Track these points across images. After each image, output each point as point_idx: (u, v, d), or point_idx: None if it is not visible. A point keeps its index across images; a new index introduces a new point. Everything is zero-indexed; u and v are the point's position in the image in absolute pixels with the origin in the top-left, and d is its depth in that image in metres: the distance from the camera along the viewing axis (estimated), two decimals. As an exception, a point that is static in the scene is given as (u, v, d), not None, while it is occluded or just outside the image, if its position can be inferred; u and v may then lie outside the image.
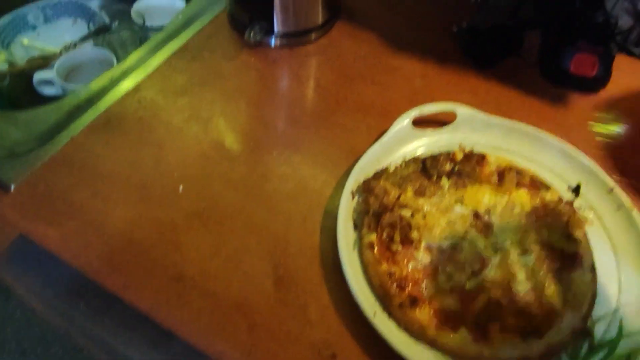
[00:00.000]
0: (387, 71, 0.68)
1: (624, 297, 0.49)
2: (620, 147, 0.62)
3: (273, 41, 0.70)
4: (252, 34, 0.65)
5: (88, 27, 0.82)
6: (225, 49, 0.69)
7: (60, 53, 0.80)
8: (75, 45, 0.85)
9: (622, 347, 0.45)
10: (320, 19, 0.71)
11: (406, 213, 0.51)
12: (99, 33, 0.85)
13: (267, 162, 0.58)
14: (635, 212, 0.53)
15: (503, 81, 0.68)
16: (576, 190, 0.57)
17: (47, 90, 0.76)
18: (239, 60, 0.68)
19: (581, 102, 0.67)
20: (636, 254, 0.51)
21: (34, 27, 0.89)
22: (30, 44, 0.87)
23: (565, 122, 0.64)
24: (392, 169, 0.55)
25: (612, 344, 0.46)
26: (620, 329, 0.47)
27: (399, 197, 0.51)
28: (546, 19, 0.72)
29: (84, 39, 0.84)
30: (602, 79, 0.66)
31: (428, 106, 0.60)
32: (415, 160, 0.55)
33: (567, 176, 0.58)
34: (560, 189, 0.57)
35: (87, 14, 0.90)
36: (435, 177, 0.54)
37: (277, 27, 0.68)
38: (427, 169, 0.54)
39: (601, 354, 0.45)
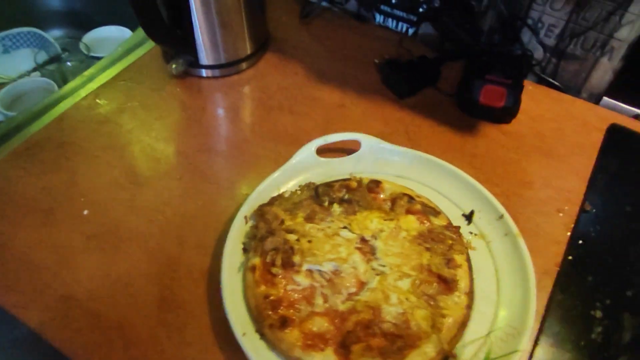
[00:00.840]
0: (306, 101, 0.71)
1: (498, 322, 0.50)
2: (523, 175, 0.64)
3: (204, 72, 0.74)
4: (174, 66, 0.69)
5: (34, 58, 0.87)
6: (154, 79, 0.73)
7: (3, 84, 0.84)
8: (29, 73, 0.90)
9: (487, 372, 0.46)
10: (248, 50, 0.75)
11: (292, 237, 0.53)
12: (52, 62, 0.90)
13: (172, 188, 0.60)
14: (520, 239, 0.55)
15: (417, 111, 0.71)
16: (469, 217, 0.58)
17: (-8, 119, 0.81)
18: (164, 91, 0.72)
19: (492, 131, 0.69)
20: (516, 280, 0.52)
21: (-7, 58, 0.95)
22: (-12, 72, 0.93)
23: (474, 151, 0.66)
24: (287, 195, 0.57)
25: (477, 368, 0.47)
26: (488, 354, 0.48)
27: (282, 222, 0.53)
28: (466, 53, 0.75)
29: (36, 68, 0.89)
30: (510, 110, 0.69)
31: (333, 136, 0.63)
32: (308, 186, 0.58)
33: (463, 203, 0.60)
34: (455, 215, 0.58)
35: (43, 45, 0.96)
36: (326, 203, 0.56)
37: (202, 60, 0.72)
38: (319, 195, 0.57)
39: (464, 378, 0.46)
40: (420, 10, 0.74)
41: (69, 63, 0.88)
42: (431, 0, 0.71)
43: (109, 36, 0.92)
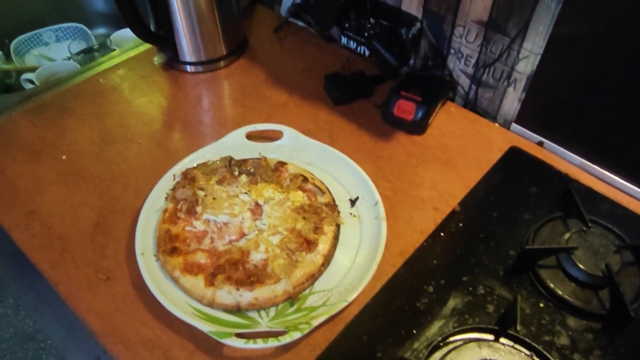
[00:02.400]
0: (258, 99, 0.87)
1: (344, 282, 0.62)
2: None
3: (187, 67, 0.92)
4: (155, 58, 0.87)
5: (68, 49, 1.10)
6: (145, 69, 0.92)
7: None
8: (68, 59, 1.13)
9: (316, 315, 0.58)
10: (224, 51, 0.92)
11: (200, 193, 0.68)
12: (85, 53, 1.13)
13: (132, 149, 0.78)
14: (384, 222, 0.66)
15: (346, 116, 0.84)
16: (353, 202, 0.71)
17: (27, 86, 1.03)
18: (150, 79, 0.90)
19: (403, 140, 0.81)
20: (370, 253, 0.64)
21: (46, 44, 1.19)
22: (40, 55, 1.17)
23: (381, 153, 0.78)
24: (209, 163, 0.73)
25: (310, 309, 0.59)
26: (326, 300, 0.60)
27: (194, 180, 0.69)
28: (397, 74, 0.88)
29: (70, 57, 1.12)
30: (419, 123, 0.80)
31: (261, 125, 0.78)
32: (225, 158, 0.73)
33: (352, 191, 0.72)
34: (344, 199, 0.71)
35: (85, 38, 1.19)
36: (236, 173, 0.71)
37: (182, 56, 0.90)
38: (231, 165, 0.72)
39: (298, 314, 0.59)
40: (365, 34, 0.87)
41: (96, 54, 1.10)
42: (373, 27, 0.85)
43: (132, 36, 1.13)
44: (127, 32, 1.14)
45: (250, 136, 0.78)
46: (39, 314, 0.63)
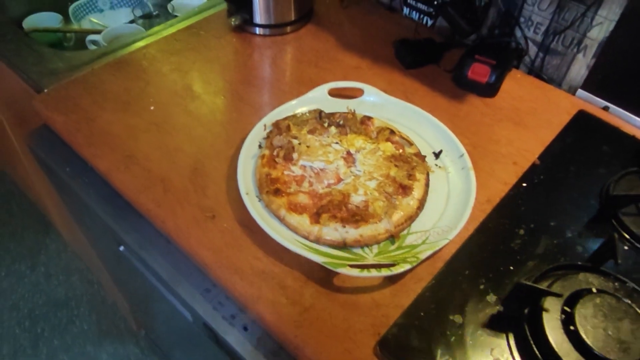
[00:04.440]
0: (330, 61, 0.90)
1: (439, 224, 0.65)
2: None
3: (256, 30, 0.95)
4: (232, 20, 0.90)
5: (132, 12, 1.11)
6: (218, 30, 0.94)
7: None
8: (132, 22, 1.15)
9: (419, 251, 0.61)
10: (292, 17, 0.94)
11: (294, 141, 0.71)
12: (144, 18, 1.14)
13: (217, 102, 0.80)
14: (472, 172, 0.69)
15: (418, 79, 0.87)
16: (437, 154, 0.74)
17: (91, 47, 1.05)
18: (223, 39, 0.92)
19: (476, 102, 0.84)
20: (461, 199, 0.67)
21: (101, 10, 1.20)
22: (95, 20, 1.18)
23: (457, 113, 0.82)
24: (298, 115, 0.75)
25: (412, 247, 0.62)
26: (425, 239, 0.63)
27: (289, 129, 0.71)
28: (466, 41, 0.91)
29: (133, 20, 1.13)
30: (492, 85, 0.84)
31: (343, 82, 0.81)
32: (315, 111, 0.75)
33: (435, 145, 0.75)
34: (427, 152, 0.74)
35: (140, 5, 1.20)
36: (326, 124, 0.74)
37: (256, 19, 0.92)
38: (321, 117, 0.74)
39: (400, 251, 0.62)
40: (435, 3, 0.90)
41: (157, 19, 1.12)
42: (444, -5, 0.88)
43: (191, 3, 1.15)
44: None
45: (331, 93, 0.80)
46: (145, 252, 0.65)
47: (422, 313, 0.56)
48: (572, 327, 0.51)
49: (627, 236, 0.65)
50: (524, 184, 0.71)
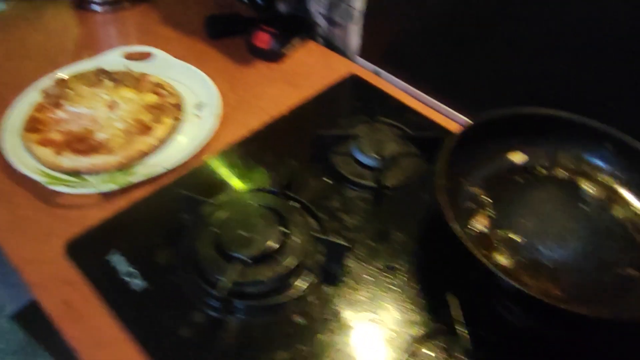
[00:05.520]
0: (146, 34, 1.01)
1: (173, 162, 0.76)
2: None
3: (94, 7, 1.07)
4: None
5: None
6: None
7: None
8: None
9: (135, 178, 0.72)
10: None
11: (68, 92, 0.82)
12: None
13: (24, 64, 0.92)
14: (212, 120, 0.80)
15: (217, 48, 0.98)
16: (199, 106, 0.84)
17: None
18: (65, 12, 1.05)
19: (260, 66, 0.95)
20: (199, 144, 0.78)
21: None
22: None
23: (236, 75, 0.92)
24: (84, 73, 0.87)
25: (129, 174, 0.72)
26: (151, 172, 0.73)
27: (64, 81, 0.83)
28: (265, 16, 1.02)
29: None
30: (275, 52, 0.94)
31: (135, 47, 0.92)
32: (98, 68, 0.87)
33: (203, 98, 0.86)
34: (194, 105, 0.85)
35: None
36: (102, 79, 0.85)
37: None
38: (101, 73, 0.86)
39: (127, 177, 0.72)
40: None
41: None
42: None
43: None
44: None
45: (127, 57, 0.92)
46: None
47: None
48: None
49: (331, 172, 0.74)
50: (265, 131, 0.81)
